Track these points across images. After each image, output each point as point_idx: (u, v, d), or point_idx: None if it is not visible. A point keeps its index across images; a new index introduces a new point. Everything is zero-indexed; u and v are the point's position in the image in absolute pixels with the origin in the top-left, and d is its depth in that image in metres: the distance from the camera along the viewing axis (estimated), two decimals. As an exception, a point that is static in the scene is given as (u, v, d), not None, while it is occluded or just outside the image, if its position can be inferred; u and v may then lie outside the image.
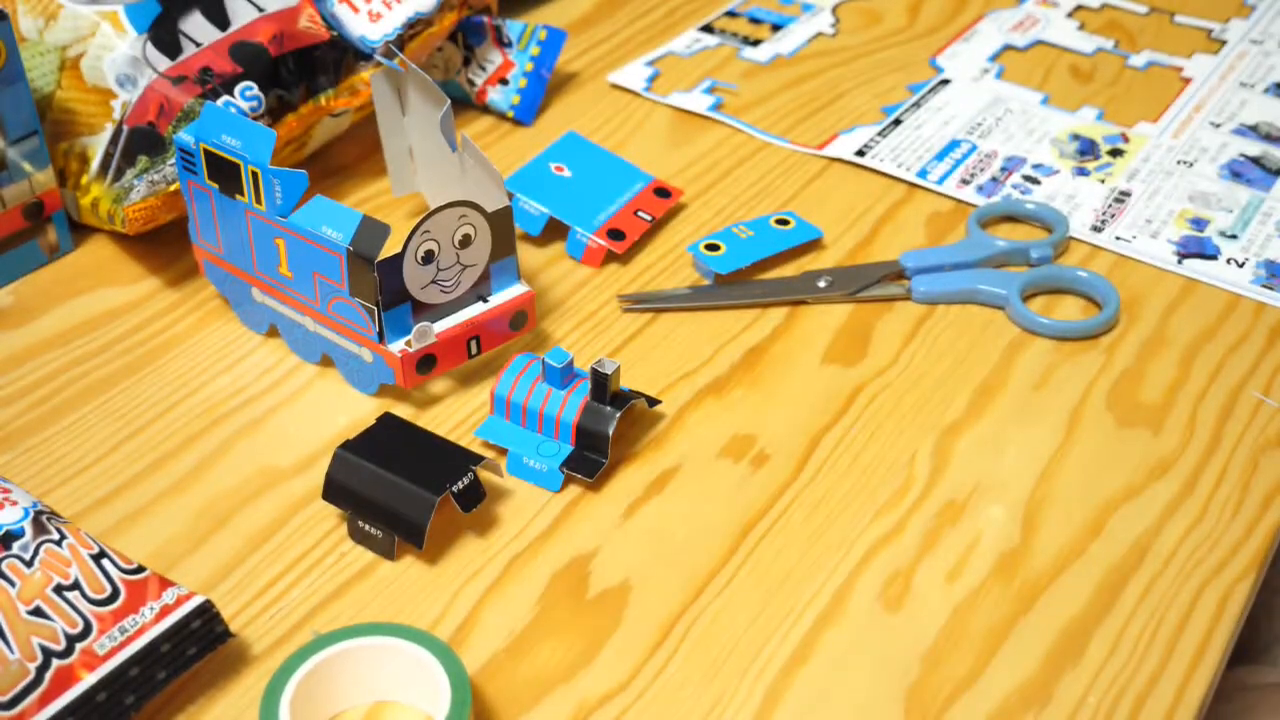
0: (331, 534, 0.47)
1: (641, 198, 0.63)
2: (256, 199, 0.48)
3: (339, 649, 0.40)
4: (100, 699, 0.39)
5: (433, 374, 0.51)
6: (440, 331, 0.50)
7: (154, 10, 0.59)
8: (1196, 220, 0.63)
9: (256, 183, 0.48)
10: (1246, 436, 0.51)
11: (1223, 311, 0.58)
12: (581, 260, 0.60)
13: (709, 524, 0.48)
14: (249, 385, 0.54)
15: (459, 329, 0.51)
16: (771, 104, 0.72)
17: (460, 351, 0.51)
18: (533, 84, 0.70)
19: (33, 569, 0.40)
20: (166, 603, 0.41)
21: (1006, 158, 0.68)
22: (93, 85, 0.59)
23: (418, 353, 0.50)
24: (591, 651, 0.43)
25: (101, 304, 0.58)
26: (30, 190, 0.58)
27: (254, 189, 0.48)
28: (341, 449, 0.46)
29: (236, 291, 0.55)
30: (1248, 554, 0.47)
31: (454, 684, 0.39)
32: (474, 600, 0.45)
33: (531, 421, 0.49)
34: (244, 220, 0.51)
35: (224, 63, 0.59)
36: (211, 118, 0.51)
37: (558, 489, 0.48)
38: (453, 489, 0.45)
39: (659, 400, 0.52)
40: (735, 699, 0.42)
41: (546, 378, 0.49)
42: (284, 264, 0.51)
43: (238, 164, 0.49)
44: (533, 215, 0.61)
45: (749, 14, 0.81)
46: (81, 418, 0.52)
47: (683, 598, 0.45)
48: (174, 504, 0.48)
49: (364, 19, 0.64)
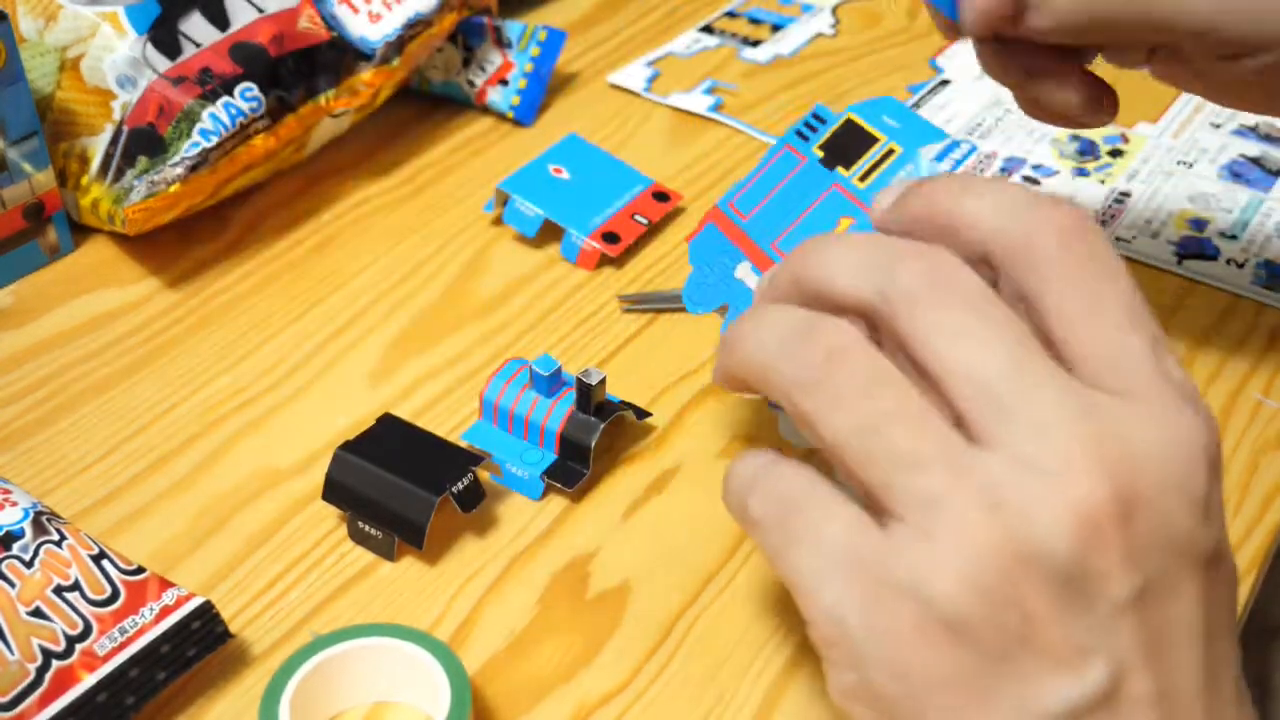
0: (331, 534, 0.47)
1: (639, 201, 0.63)
2: (862, 177, 0.44)
3: (339, 649, 0.40)
4: (100, 700, 0.39)
5: None
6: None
7: (154, 11, 0.59)
8: (1196, 221, 0.63)
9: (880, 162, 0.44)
10: (1246, 437, 0.51)
11: (1223, 312, 0.58)
12: (576, 263, 0.60)
13: (709, 524, 0.48)
14: (249, 385, 0.54)
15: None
16: (772, 104, 0.72)
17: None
18: (533, 84, 0.70)
19: (32, 570, 0.40)
20: (166, 604, 0.41)
21: (1006, 158, 0.68)
22: (93, 86, 0.59)
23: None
24: (591, 652, 0.43)
25: (101, 304, 0.58)
26: (30, 191, 0.58)
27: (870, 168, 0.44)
28: (341, 449, 0.46)
29: (717, 262, 0.49)
30: (1248, 554, 0.47)
31: (454, 684, 0.39)
32: (474, 600, 0.45)
33: (518, 428, 0.49)
34: (819, 192, 0.45)
35: (224, 63, 0.59)
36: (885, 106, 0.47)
37: (538, 497, 0.48)
38: (453, 489, 0.45)
39: (649, 413, 0.52)
40: (735, 699, 0.42)
41: (534, 385, 0.49)
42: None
43: (878, 138, 0.44)
44: (528, 217, 0.61)
45: (749, 14, 0.81)
46: (81, 418, 0.52)
47: (683, 598, 0.45)
48: (174, 504, 0.48)
49: (364, 19, 0.64)
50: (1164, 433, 0.30)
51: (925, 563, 0.29)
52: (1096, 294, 0.31)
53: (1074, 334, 0.31)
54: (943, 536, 0.29)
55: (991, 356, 0.30)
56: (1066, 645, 0.29)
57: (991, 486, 0.29)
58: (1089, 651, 0.29)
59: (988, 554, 0.29)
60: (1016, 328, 0.30)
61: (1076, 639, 0.29)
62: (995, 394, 0.29)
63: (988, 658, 0.29)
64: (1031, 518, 0.29)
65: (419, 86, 0.71)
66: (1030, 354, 0.30)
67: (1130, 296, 0.31)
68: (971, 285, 0.31)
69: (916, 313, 0.31)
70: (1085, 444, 0.29)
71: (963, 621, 0.29)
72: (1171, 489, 0.29)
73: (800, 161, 0.45)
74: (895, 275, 0.31)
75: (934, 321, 0.30)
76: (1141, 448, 0.29)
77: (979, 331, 0.30)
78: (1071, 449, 0.29)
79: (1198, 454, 0.30)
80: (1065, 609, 0.29)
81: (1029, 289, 0.31)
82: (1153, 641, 0.29)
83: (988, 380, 0.30)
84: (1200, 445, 0.30)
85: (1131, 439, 0.29)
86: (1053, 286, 0.31)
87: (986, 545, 0.29)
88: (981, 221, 0.32)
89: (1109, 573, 0.29)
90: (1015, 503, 0.29)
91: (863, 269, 0.32)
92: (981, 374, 0.30)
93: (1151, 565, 0.29)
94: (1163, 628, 0.29)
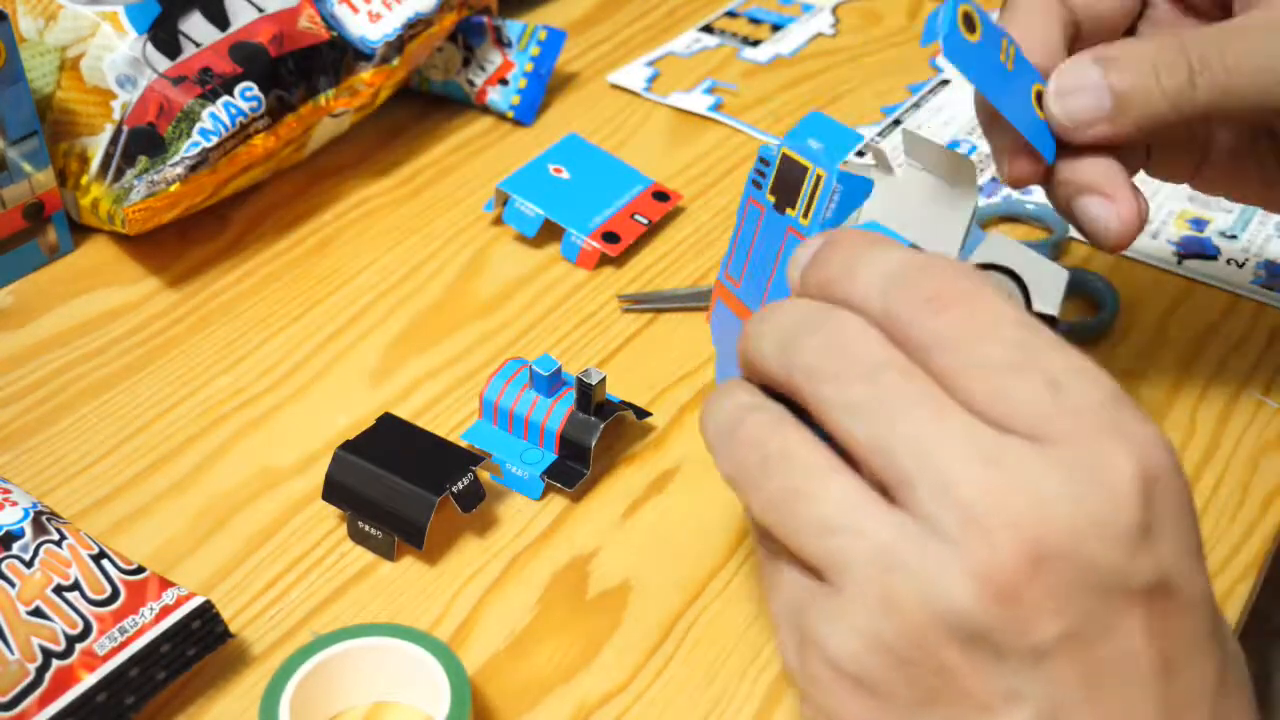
0: (331, 534, 0.47)
1: (639, 201, 0.63)
2: (805, 212, 0.41)
3: (339, 649, 0.40)
4: (100, 699, 0.39)
5: None
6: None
7: (154, 11, 0.59)
8: (1196, 220, 0.63)
9: (814, 192, 0.41)
10: (1246, 438, 0.51)
11: (1223, 312, 0.58)
12: (576, 263, 0.60)
13: (709, 524, 0.48)
14: (249, 385, 0.54)
15: None
16: (771, 104, 0.72)
17: None
18: (532, 84, 0.70)
19: (32, 569, 0.40)
20: (166, 603, 0.41)
21: (1006, 158, 0.68)
22: (93, 86, 0.59)
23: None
24: (591, 652, 0.43)
25: (101, 304, 0.58)
26: (30, 190, 0.58)
27: (809, 200, 0.41)
28: (341, 449, 0.46)
29: (731, 335, 0.45)
30: (1247, 555, 0.47)
31: (454, 684, 0.39)
32: (474, 600, 0.45)
33: (518, 428, 0.49)
34: (779, 243, 0.42)
35: (224, 63, 0.59)
36: (813, 125, 0.46)
37: (538, 497, 0.48)
38: (452, 489, 0.45)
39: (649, 413, 0.52)
40: (735, 699, 0.42)
41: (534, 385, 0.49)
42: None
43: (806, 166, 0.41)
44: (528, 216, 0.61)
45: (749, 14, 0.81)
46: (81, 418, 0.52)
47: (683, 598, 0.45)
48: (174, 504, 0.48)
49: (364, 19, 0.64)
50: (1074, 473, 0.29)
51: (832, 620, 0.31)
52: (979, 349, 0.30)
53: (970, 389, 0.30)
54: (848, 597, 0.30)
55: (887, 428, 0.30)
56: (988, 692, 0.29)
57: (890, 549, 0.30)
58: (1015, 697, 0.29)
59: (889, 614, 0.29)
60: (915, 389, 0.30)
61: (999, 686, 0.29)
62: (895, 463, 0.30)
63: (904, 707, 0.30)
64: (933, 581, 0.29)
65: (419, 86, 0.71)
66: (933, 413, 0.30)
67: (1015, 338, 0.30)
68: (866, 354, 0.31)
69: (817, 391, 0.32)
70: (987, 503, 0.29)
71: (868, 677, 0.30)
72: (1087, 531, 0.29)
73: (761, 212, 0.43)
74: (798, 351, 0.32)
75: (829, 398, 0.31)
76: (1050, 493, 0.29)
77: (873, 404, 0.31)
78: (972, 511, 0.29)
79: (1123, 485, 0.29)
80: (981, 662, 0.29)
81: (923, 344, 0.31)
82: (1091, 681, 0.29)
83: (887, 450, 0.30)
84: (1127, 475, 0.29)
85: (1038, 486, 0.29)
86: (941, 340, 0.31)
87: (887, 605, 0.29)
88: (877, 283, 0.32)
89: (1026, 623, 0.29)
90: (915, 566, 0.29)
91: (775, 345, 0.33)
92: (880, 444, 0.30)
93: (1074, 609, 0.29)
94: (1100, 667, 0.29)
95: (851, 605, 0.30)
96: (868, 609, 0.30)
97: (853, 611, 0.30)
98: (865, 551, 0.30)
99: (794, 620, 0.32)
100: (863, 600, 0.30)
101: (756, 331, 0.34)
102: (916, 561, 0.29)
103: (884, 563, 0.30)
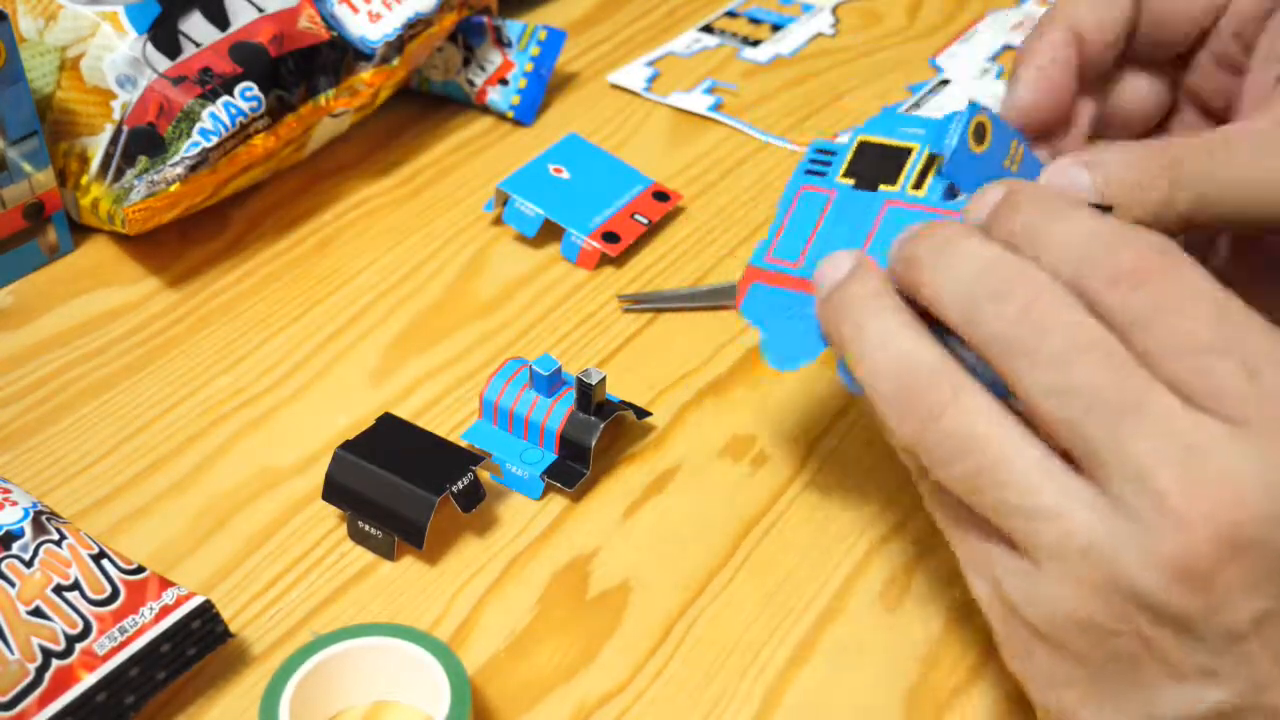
0: (331, 534, 0.47)
1: (639, 201, 0.63)
2: (917, 184, 0.42)
3: (339, 649, 0.40)
4: (100, 699, 0.39)
5: None
6: None
7: (154, 10, 0.59)
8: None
9: (925, 171, 0.43)
10: None
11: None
12: (576, 263, 0.60)
13: (709, 524, 0.48)
14: (249, 385, 0.54)
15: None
16: (771, 104, 0.72)
17: None
18: (532, 84, 0.70)
19: (32, 569, 0.40)
20: (166, 603, 0.41)
21: (1006, 158, 0.68)
22: (93, 86, 0.59)
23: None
24: (591, 652, 0.43)
25: (101, 304, 0.58)
26: (30, 190, 0.58)
27: (920, 173, 0.43)
28: (341, 449, 0.46)
29: (786, 313, 0.43)
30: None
31: (454, 684, 0.39)
32: (474, 600, 0.45)
33: (518, 428, 0.49)
34: (873, 215, 0.43)
35: (224, 63, 0.59)
36: (888, 121, 0.46)
37: (538, 497, 0.48)
38: (453, 489, 0.45)
39: (649, 412, 0.52)
40: (735, 699, 0.42)
41: (534, 385, 0.49)
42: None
43: (909, 148, 0.43)
44: (528, 216, 0.61)
45: (749, 14, 0.81)
46: (81, 418, 0.52)
47: (683, 598, 0.45)
48: (174, 504, 0.49)
49: (364, 19, 0.64)
50: (1269, 459, 0.29)
51: (1029, 591, 0.32)
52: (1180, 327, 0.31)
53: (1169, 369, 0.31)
54: (1045, 572, 0.32)
55: (1082, 412, 0.31)
56: (1185, 664, 0.30)
57: (1084, 533, 0.31)
58: (1211, 674, 0.30)
59: (1085, 594, 0.31)
60: (1113, 375, 0.31)
61: (1195, 661, 0.30)
62: (1089, 445, 0.31)
63: (1099, 667, 0.31)
64: (1128, 565, 0.30)
65: (419, 86, 0.71)
66: (1131, 400, 0.30)
67: (1214, 315, 0.31)
68: (1064, 333, 0.31)
69: (1010, 363, 0.32)
70: (1181, 491, 0.29)
71: (1068, 644, 0.32)
72: None
73: (829, 195, 0.43)
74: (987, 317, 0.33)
75: (1023, 373, 0.32)
76: (1246, 481, 0.29)
77: (1070, 386, 0.31)
78: (1167, 501, 0.29)
79: None
80: (1178, 638, 0.30)
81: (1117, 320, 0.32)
82: None
83: (1080, 429, 0.31)
84: None
85: (1235, 471, 0.29)
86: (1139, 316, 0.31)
87: (1084, 586, 0.31)
88: (1070, 250, 0.33)
89: (1219, 608, 0.29)
90: (1110, 553, 0.30)
91: (958, 295, 0.34)
92: (1074, 424, 0.31)
93: (1267, 594, 0.29)
94: None
95: (1048, 581, 0.31)
96: (1065, 588, 0.31)
97: (1050, 587, 0.31)
98: (1060, 535, 0.31)
99: (986, 574, 0.34)
100: (1060, 580, 0.31)
101: (931, 262, 0.35)
102: (1110, 547, 0.30)
103: (1079, 546, 0.31)
